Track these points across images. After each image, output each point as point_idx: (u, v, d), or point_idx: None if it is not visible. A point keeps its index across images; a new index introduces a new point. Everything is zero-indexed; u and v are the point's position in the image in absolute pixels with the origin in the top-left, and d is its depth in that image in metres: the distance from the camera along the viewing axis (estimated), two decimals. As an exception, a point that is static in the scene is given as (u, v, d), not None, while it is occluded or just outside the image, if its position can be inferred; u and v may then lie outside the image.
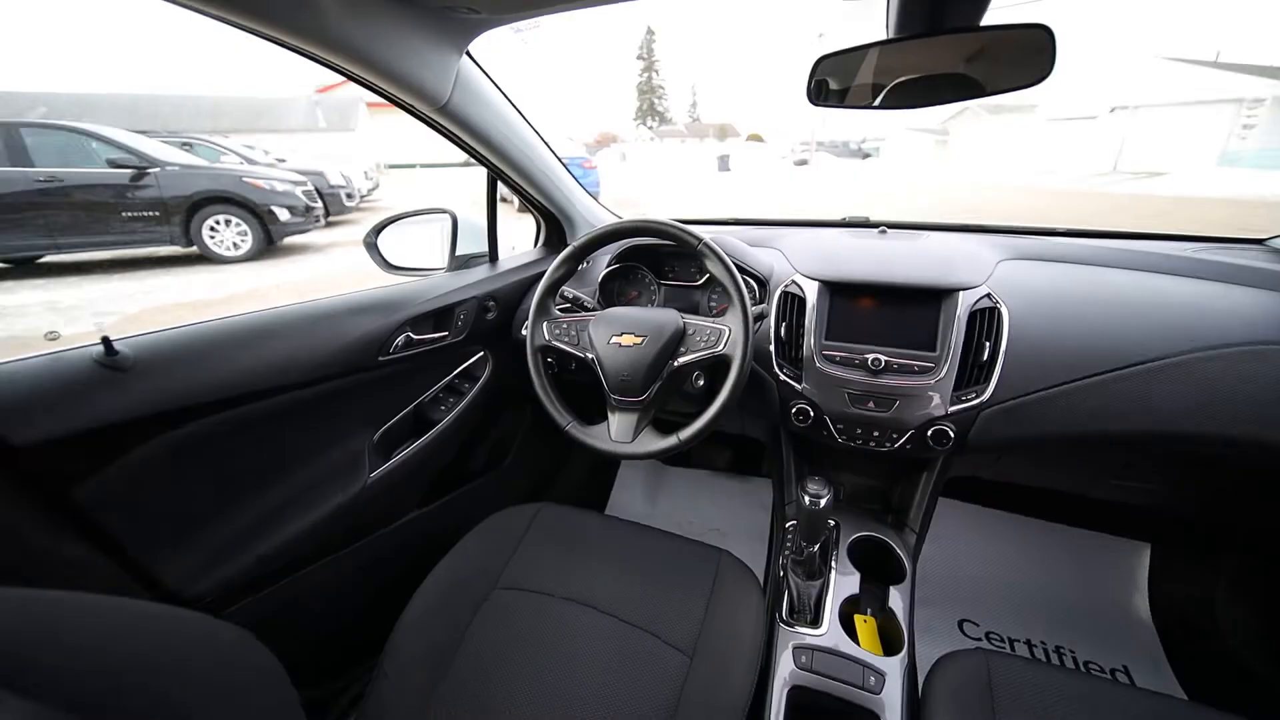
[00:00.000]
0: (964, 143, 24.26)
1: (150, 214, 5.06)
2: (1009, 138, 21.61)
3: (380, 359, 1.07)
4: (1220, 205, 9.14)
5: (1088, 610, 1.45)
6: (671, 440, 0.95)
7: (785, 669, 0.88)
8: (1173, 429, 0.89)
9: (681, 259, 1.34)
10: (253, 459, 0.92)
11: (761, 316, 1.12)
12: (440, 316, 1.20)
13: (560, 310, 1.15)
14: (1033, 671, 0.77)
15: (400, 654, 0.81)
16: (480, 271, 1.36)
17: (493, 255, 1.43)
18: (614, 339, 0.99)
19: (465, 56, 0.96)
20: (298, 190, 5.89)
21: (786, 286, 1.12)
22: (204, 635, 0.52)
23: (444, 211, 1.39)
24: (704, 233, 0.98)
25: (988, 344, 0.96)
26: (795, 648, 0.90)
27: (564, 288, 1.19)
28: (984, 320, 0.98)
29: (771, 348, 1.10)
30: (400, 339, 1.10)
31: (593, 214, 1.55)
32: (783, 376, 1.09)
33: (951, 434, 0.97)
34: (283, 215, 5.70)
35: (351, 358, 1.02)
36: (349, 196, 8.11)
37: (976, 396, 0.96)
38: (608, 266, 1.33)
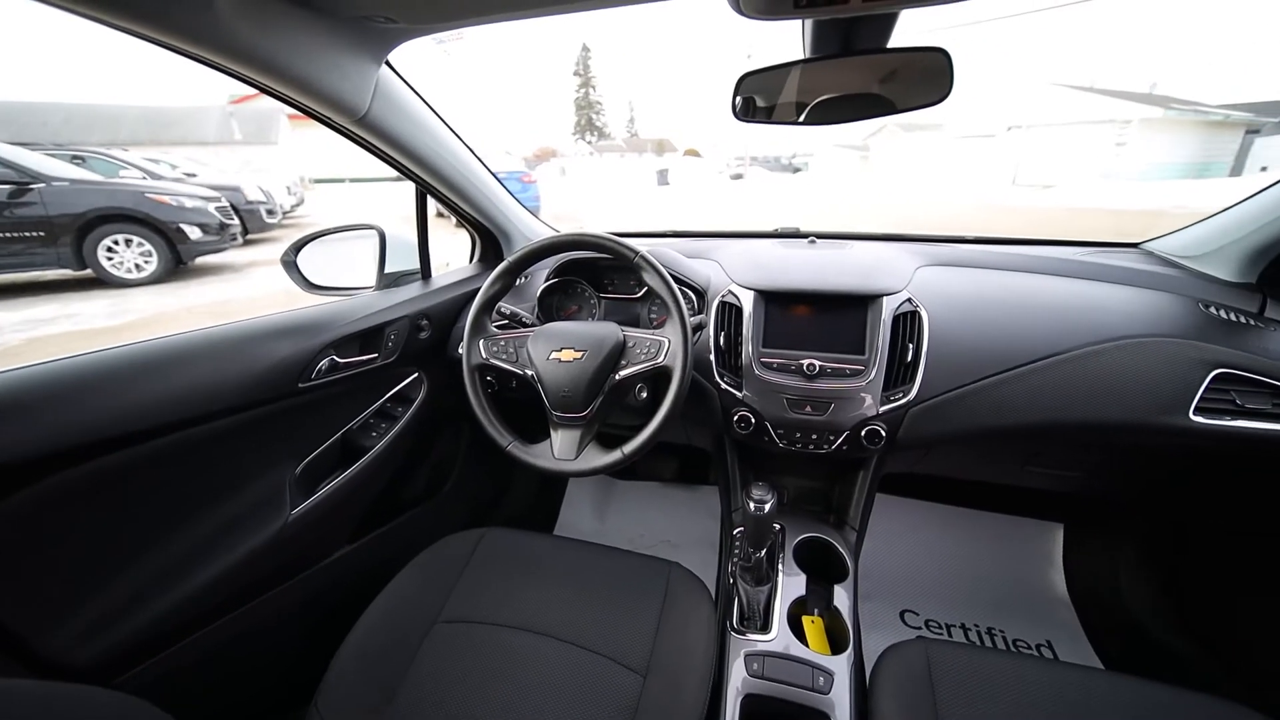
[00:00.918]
0: (883, 158, 26.03)
1: (33, 234, 4.56)
2: (921, 153, 23.37)
3: (301, 385, 1.00)
4: (1105, 215, 10.22)
5: (1014, 591, 1.55)
6: (616, 455, 0.94)
7: (738, 678, 0.88)
8: (1070, 418, 0.97)
9: (620, 272, 1.34)
10: (152, 503, 0.83)
11: (700, 327, 1.14)
12: (368, 338, 1.14)
13: (498, 327, 1.12)
14: (968, 656, 0.81)
15: (334, 698, 0.75)
16: (412, 289, 1.30)
17: (425, 272, 1.37)
18: (554, 355, 0.97)
19: (385, 67, 0.92)
20: (210, 206, 5.48)
21: (724, 296, 1.14)
22: (85, 711, 0.45)
23: (370, 227, 1.33)
24: (641, 245, 0.99)
25: (911, 346, 1.02)
26: (747, 655, 0.90)
27: (501, 304, 1.16)
28: (906, 323, 1.03)
29: (711, 357, 1.11)
30: (324, 363, 1.03)
31: (529, 228, 1.52)
32: (724, 385, 1.10)
33: (883, 433, 1.01)
34: (194, 234, 5.29)
35: (268, 385, 0.94)
36: (270, 213, 7.64)
37: (904, 396, 1.01)
38: (546, 281, 1.31)
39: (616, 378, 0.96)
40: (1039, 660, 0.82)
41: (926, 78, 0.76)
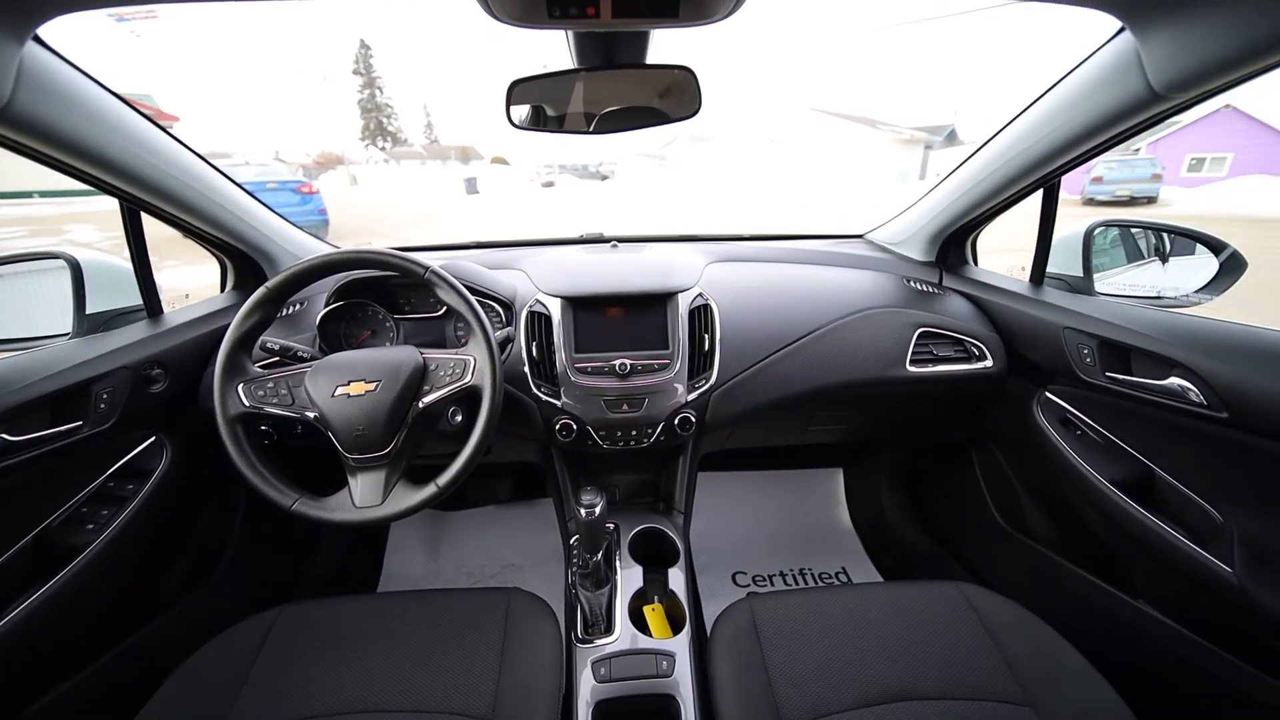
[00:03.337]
0: (678, 165, 28.62)
1: None
2: (709, 160, 26.29)
3: None
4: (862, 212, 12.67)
5: (814, 532, 1.82)
6: (430, 490, 0.85)
7: (587, 689, 0.87)
8: (833, 380, 1.17)
9: (417, 290, 1.23)
10: None
11: (509, 340, 1.10)
12: (64, 401, 0.86)
13: (265, 366, 0.94)
14: (783, 599, 0.92)
15: None
16: (133, 331, 1.03)
17: (152, 308, 1.09)
18: (339, 390, 0.85)
19: (36, 45, 0.70)
20: None
21: (532, 306, 1.12)
22: None
23: (55, 256, 1.02)
24: (437, 259, 0.92)
25: (706, 336, 1.12)
26: (594, 663, 0.90)
27: (266, 338, 0.97)
28: (701, 316, 1.13)
29: (526, 369, 1.09)
30: None
31: (298, 246, 1.31)
32: (542, 396, 1.08)
33: (693, 419, 1.10)
34: None
35: None
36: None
37: (706, 382, 1.11)
38: (326, 306, 1.14)
39: (421, 405, 0.87)
40: (836, 587, 0.97)
41: (682, 93, 0.83)
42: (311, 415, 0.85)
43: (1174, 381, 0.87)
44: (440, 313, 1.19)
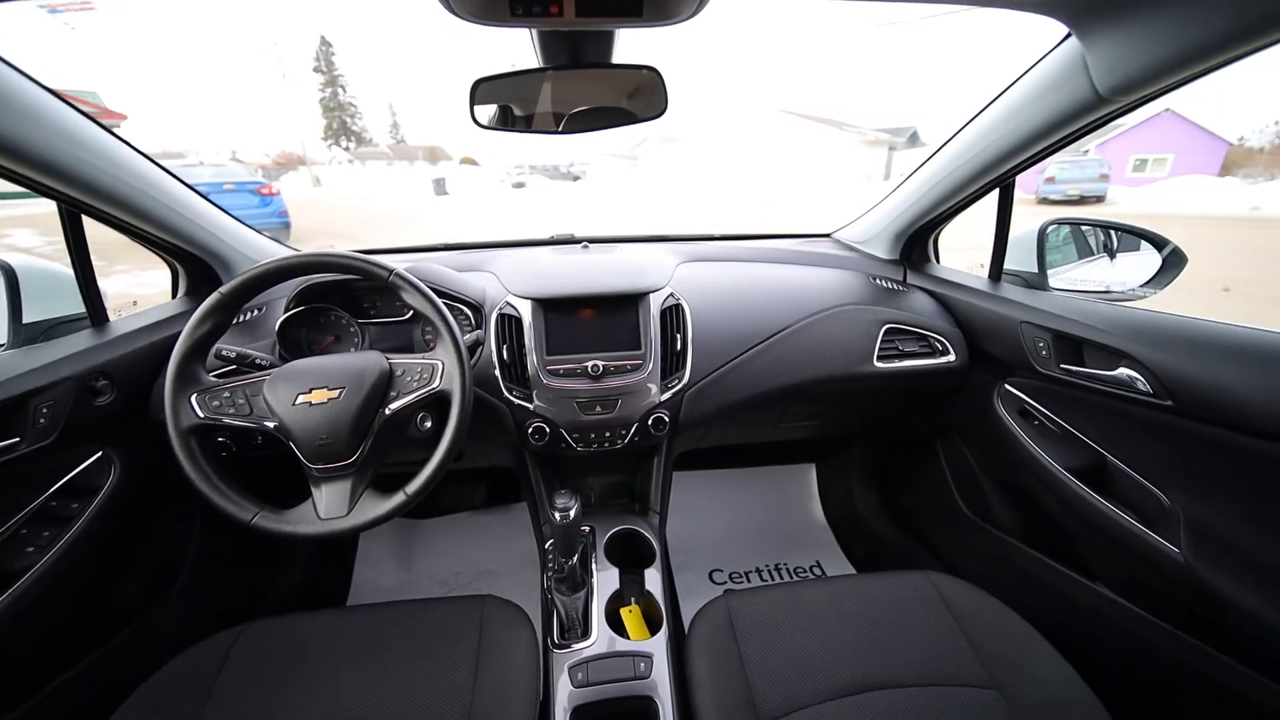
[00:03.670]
0: (649, 165, 28.70)
1: None
2: (680, 161, 26.47)
3: None
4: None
5: (789, 528, 1.85)
6: (399, 498, 0.83)
7: (564, 694, 0.86)
8: (804, 378, 1.18)
9: (383, 294, 1.19)
10: None
11: (478, 343, 1.08)
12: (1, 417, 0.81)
13: (220, 375, 0.90)
14: (759, 595, 0.93)
15: None
16: (76, 341, 0.97)
17: (96, 316, 1.04)
18: (301, 398, 0.82)
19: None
20: None
21: (502, 309, 1.11)
22: None
23: (-17, 261, 0.96)
24: (402, 261, 0.89)
25: (679, 336, 1.12)
26: (571, 668, 0.89)
27: (222, 345, 0.93)
28: (673, 316, 1.14)
29: (497, 372, 1.07)
30: None
31: (255, 249, 1.27)
32: (514, 399, 1.07)
33: (667, 419, 1.10)
34: None
35: None
36: None
37: (679, 382, 1.11)
38: (285, 312, 1.10)
39: (387, 412, 0.85)
40: (811, 581, 0.98)
41: (649, 93, 0.83)
42: (271, 425, 0.82)
43: (1123, 372, 0.91)
44: (407, 317, 1.16)
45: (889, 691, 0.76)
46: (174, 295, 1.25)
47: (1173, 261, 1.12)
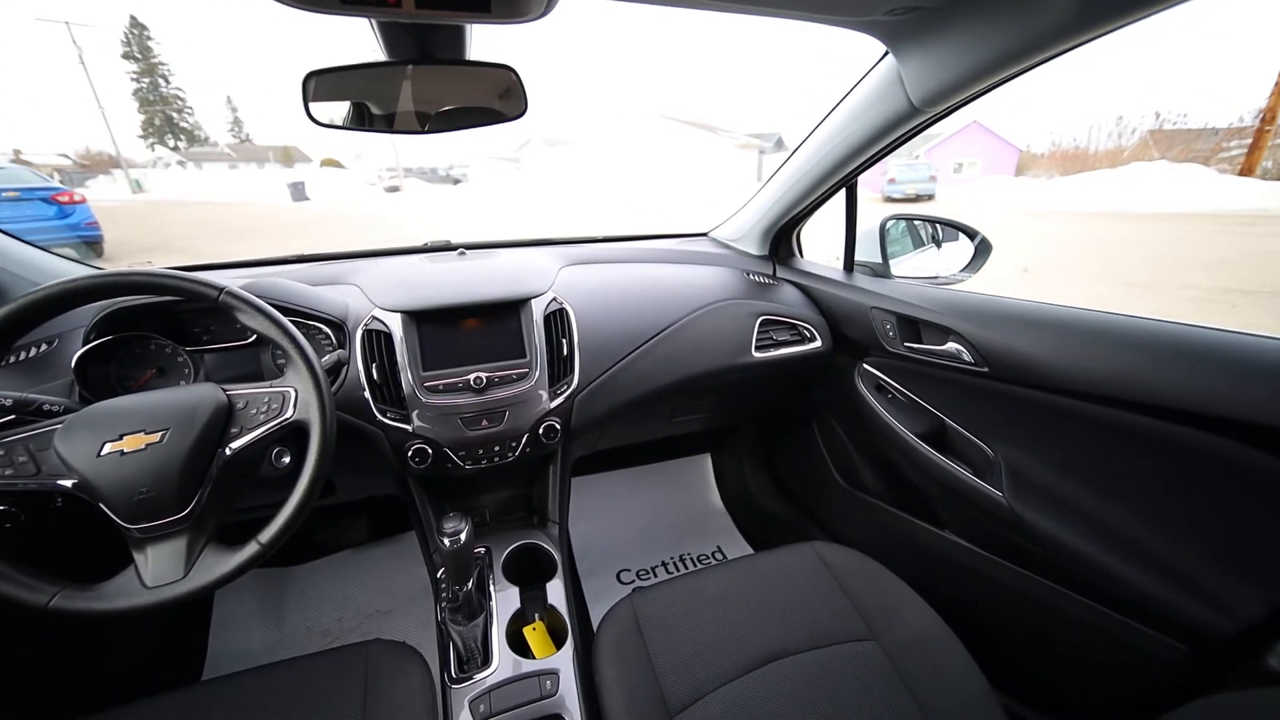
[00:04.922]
0: (533, 168, 28.24)
1: None
2: (563, 163, 26.38)
3: None
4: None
5: (690, 518, 1.91)
6: (251, 549, 0.72)
7: None
8: (688, 373, 1.22)
9: (218, 316, 1.03)
10: None
11: (340, 364, 0.98)
12: None
13: None
14: (664, 591, 0.94)
15: None
16: None
17: None
18: (109, 446, 0.68)
19: None
20: None
21: (367, 325, 1.01)
22: None
23: None
24: (241, 278, 0.77)
25: (565, 340, 1.10)
26: (471, 701, 0.84)
27: None
28: (557, 320, 1.11)
29: (367, 394, 0.98)
30: None
31: (37, 270, 1.04)
32: (389, 421, 0.98)
33: (558, 426, 1.08)
34: None
35: None
36: None
37: (568, 387, 1.09)
38: (84, 345, 0.91)
39: (229, 451, 0.74)
40: (710, 568, 1.01)
41: (509, 93, 0.80)
42: (68, 484, 0.67)
43: (951, 345, 1.06)
44: (250, 340, 1.02)
45: (786, 660, 0.81)
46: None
47: (982, 248, 1.32)
